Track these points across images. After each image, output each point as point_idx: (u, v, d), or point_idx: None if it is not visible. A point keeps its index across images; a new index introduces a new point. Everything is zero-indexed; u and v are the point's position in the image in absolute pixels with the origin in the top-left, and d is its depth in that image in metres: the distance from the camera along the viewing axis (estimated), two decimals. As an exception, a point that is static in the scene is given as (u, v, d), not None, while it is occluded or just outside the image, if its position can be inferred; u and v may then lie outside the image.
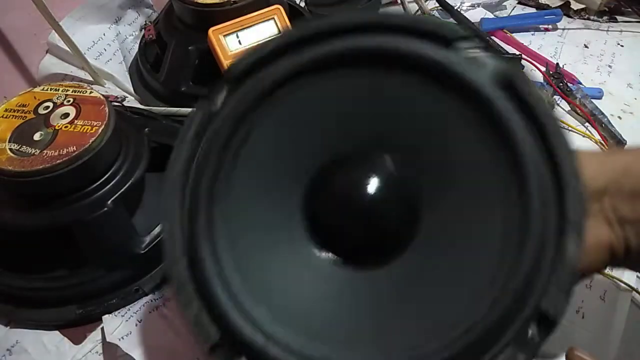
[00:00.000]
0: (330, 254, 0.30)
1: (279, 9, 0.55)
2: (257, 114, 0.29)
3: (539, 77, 0.62)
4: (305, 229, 0.30)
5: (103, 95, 0.45)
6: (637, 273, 0.43)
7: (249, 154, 0.29)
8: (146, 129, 0.50)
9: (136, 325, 0.42)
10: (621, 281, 0.43)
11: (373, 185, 0.29)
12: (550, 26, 0.72)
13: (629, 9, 0.75)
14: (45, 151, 0.40)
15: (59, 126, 0.42)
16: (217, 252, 0.27)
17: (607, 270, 0.43)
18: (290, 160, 0.30)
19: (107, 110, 0.43)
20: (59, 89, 0.46)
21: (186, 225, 0.28)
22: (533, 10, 0.76)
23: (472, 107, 0.26)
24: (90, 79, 0.63)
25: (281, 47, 0.29)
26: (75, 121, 0.42)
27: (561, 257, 0.25)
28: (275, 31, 0.55)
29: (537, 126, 0.26)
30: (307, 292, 0.28)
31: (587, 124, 0.58)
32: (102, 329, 0.42)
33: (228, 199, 0.28)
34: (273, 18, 0.55)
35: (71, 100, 0.44)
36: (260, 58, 0.29)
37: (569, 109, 0.60)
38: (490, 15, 0.73)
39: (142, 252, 0.43)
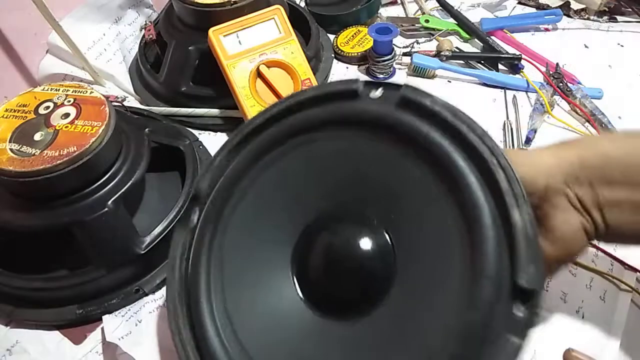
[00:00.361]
0: (317, 312, 0.33)
1: (279, 9, 0.55)
2: (231, 207, 0.35)
3: (539, 77, 0.63)
4: (295, 289, 0.34)
5: (103, 96, 0.45)
6: (637, 275, 0.44)
7: (236, 234, 0.34)
8: (146, 129, 0.50)
9: (136, 325, 0.42)
10: (621, 281, 0.43)
11: (352, 249, 0.33)
12: (550, 26, 0.72)
13: (629, 9, 0.75)
14: (45, 151, 0.40)
15: (59, 126, 0.42)
16: (216, 320, 0.32)
17: (608, 270, 0.44)
18: (273, 231, 0.35)
19: (107, 111, 0.43)
20: (59, 89, 0.46)
21: (187, 297, 0.33)
22: (533, 10, 0.76)
23: (388, 133, 0.32)
24: (91, 79, 0.63)
25: (231, 149, 0.37)
26: (76, 121, 0.43)
27: (512, 229, 0.27)
28: (276, 31, 0.55)
29: (442, 124, 0.31)
30: (299, 350, 0.32)
31: (587, 124, 0.58)
32: (102, 329, 0.42)
33: (223, 274, 0.33)
34: (273, 18, 0.55)
35: (71, 100, 0.44)
36: (215, 174, 0.36)
37: (569, 109, 0.60)
38: (490, 15, 0.73)
39: (142, 252, 0.43)
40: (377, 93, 0.34)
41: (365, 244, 0.33)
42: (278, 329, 0.32)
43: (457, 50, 0.66)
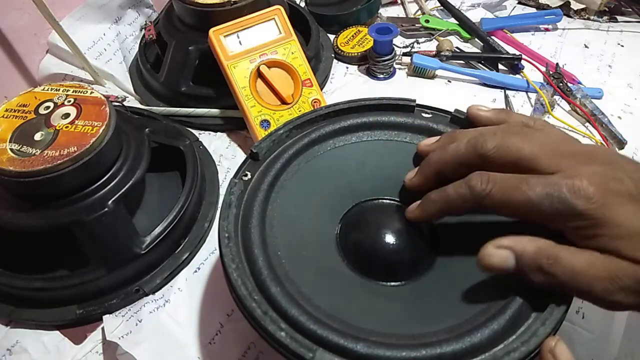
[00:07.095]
0: (363, 276, 0.35)
1: (279, 9, 0.55)
2: (283, 179, 0.37)
3: (539, 77, 0.63)
4: (341, 258, 0.36)
5: (103, 96, 0.45)
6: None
7: (285, 202, 0.36)
8: (146, 129, 0.50)
9: (136, 325, 0.42)
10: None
11: (391, 231, 0.36)
12: (550, 26, 0.73)
13: (629, 9, 0.75)
14: (46, 151, 0.40)
15: (59, 126, 0.42)
16: (266, 243, 0.33)
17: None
18: (323, 203, 0.37)
19: (107, 111, 0.43)
20: (59, 89, 0.46)
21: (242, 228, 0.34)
22: (533, 10, 0.76)
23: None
24: (91, 79, 0.63)
25: (289, 129, 0.40)
26: (76, 121, 0.43)
27: None
28: (276, 32, 0.55)
29: None
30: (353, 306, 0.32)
31: (587, 124, 0.58)
32: (102, 329, 0.42)
33: (273, 222, 0.35)
34: (273, 18, 0.55)
35: (72, 100, 0.44)
36: (275, 140, 0.39)
37: (569, 109, 0.60)
38: (490, 15, 0.73)
39: (143, 252, 0.43)
40: (428, 113, 0.41)
41: (410, 228, 0.36)
42: (325, 277, 0.34)
43: (457, 50, 0.66)
